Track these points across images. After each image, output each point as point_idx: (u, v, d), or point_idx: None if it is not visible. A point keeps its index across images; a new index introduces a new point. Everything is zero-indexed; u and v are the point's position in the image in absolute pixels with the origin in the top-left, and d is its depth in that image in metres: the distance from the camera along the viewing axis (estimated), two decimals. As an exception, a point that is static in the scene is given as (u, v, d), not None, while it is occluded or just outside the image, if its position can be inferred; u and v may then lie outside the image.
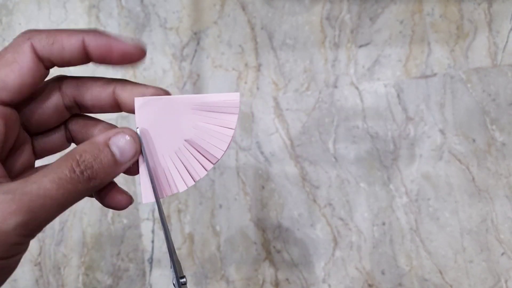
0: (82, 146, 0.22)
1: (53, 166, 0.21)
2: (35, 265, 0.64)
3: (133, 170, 0.26)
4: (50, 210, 0.21)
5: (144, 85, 0.25)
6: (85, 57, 0.23)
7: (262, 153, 0.65)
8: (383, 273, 0.63)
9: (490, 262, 0.62)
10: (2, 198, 0.20)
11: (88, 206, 0.65)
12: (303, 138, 0.65)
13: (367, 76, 0.66)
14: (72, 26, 0.68)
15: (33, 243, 0.64)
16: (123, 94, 0.25)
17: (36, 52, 0.22)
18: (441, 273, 0.62)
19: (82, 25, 0.68)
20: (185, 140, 0.26)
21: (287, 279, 0.63)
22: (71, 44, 0.22)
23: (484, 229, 0.63)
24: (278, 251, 0.63)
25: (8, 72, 0.22)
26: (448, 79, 0.66)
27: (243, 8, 0.68)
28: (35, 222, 0.20)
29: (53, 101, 0.25)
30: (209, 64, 0.67)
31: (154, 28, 0.68)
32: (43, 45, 0.22)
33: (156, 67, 0.67)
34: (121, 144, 0.23)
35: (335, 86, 0.66)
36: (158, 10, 0.68)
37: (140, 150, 0.25)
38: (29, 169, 0.26)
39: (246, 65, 0.66)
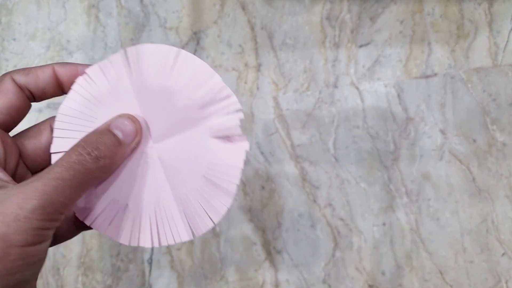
0: (83, 137, 0.25)
1: (60, 158, 0.23)
2: (34, 266, 0.64)
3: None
4: (65, 192, 0.22)
5: None
6: (57, 85, 0.27)
7: (262, 153, 0.65)
8: (383, 273, 0.62)
9: (491, 262, 0.62)
10: (15, 191, 0.21)
11: (88, 206, 0.65)
12: (303, 138, 0.65)
13: (367, 76, 0.66)
14: (71, 26, 0.68)
15: (32, 244, 0.64)
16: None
17: (16, 82, 0.26)
18: (441, 273, 0.62)
19: (81, 25, 0.68)
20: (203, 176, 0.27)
21: (287, 280, 0.62)
22: (43, 72, 0.26)
23: (485, 230, 0.63)
24: (278, 252, 0.63)
25: None
26: (449, 79, 0.65)
27: (243, 8, 0.68)
28: (52, 205, 0.22)
29: (45, 138, 0.28)
30: (209, 64, 0.67)
31: (153, 28, 0.67)
32: (21, 76, 0.26)
33: (155, 67, 0.67)
34: (121, 126, 0.25)
35: (335, 86, 0.66)
36: (158, 10, 0.68)
37: (141, 130, 0.26)
38: None
39: (246, 65, 0.66)
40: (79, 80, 0.27)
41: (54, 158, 0.26)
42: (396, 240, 0.63)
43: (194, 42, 0.67)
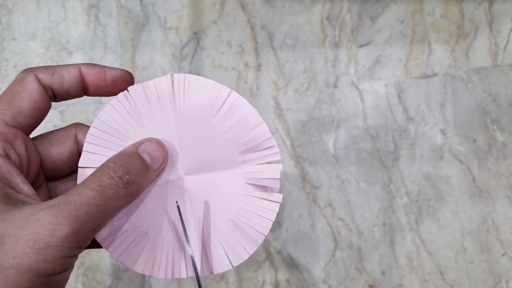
0: (113, 157, 0.24)
1: (90, 177, 0.22)
2: (34, 266, 0.64)
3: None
4: (96, 218, 0.21)
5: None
6: (81, 87, 0.25)
7: (262, 153, 0.64)
8: (383, 273, 0.62)
9: (491, 262, 0.62)
10: (45, 213, 0.20)
11: (88, 206, 0.64)
12: (303, 138, 0.65)
13: (368, 76, 0.66)
14: (71, 25, 0.68)
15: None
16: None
17: (40, 81, 0.24)
18: (441, 273, 0.62)
19: (81, 25, 0.68)
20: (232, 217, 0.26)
21: (287, 280, 0.62)
22: (69, 73, 0.25)
23: (485, 230, 0.63)
24: (278, 252, 0.63)
25: (21, 99, 0.24)
26: (449, 79, 0.65)
27: (243, 8, 0.68)
28: (83, 232, 0.20)
29: (68, 147, 0.26)
30: (209, 64, 0.67)
31: (153, 27, 0.67)
32: (45, 75, 0.25)
33: (155, 67, 0.67)
34: (149, 150, 0.25)
35: (335, 86, 0.66)
36: (158, 10, 0.68)
37: (167, 157, 0.25)
38: None
39: (246, 65, 0.66)
40: (119, 97, 0.26)
41: (81, 173, 0.25)
42: (396, 240, 0.63)
43: (194, 42, 0.67)
